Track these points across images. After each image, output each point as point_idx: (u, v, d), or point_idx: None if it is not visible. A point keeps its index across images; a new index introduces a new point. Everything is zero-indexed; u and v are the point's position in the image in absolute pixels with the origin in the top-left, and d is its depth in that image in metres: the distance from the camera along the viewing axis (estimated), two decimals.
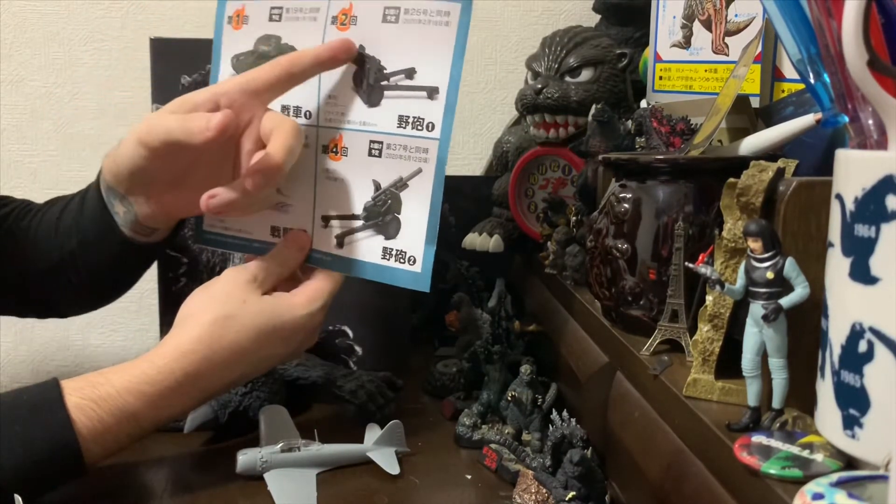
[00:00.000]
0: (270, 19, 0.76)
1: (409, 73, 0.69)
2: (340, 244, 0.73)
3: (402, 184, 0.70)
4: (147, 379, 0.63)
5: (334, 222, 0.73)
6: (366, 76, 0.70)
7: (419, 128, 0.68)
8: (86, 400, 0.61)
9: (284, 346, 0.70)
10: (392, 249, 0.70)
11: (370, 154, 0.70)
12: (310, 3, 0.73)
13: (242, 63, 0.76)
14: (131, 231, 0.75)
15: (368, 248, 0.72)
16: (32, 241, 0.80)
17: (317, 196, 0.74)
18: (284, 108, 0.74)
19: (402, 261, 0.69)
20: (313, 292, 0.71)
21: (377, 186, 0.71)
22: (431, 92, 0.68)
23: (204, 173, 0.71)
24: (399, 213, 0.70)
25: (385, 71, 0.70)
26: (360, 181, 0.72)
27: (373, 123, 0.70)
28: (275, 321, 0.68)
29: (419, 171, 0.68)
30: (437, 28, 0.67)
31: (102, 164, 0.74)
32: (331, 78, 0.72)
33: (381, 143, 0.70)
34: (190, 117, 0.66)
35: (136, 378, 0.63)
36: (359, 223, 0.72)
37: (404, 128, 0.69)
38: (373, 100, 0.70)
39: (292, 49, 0.74)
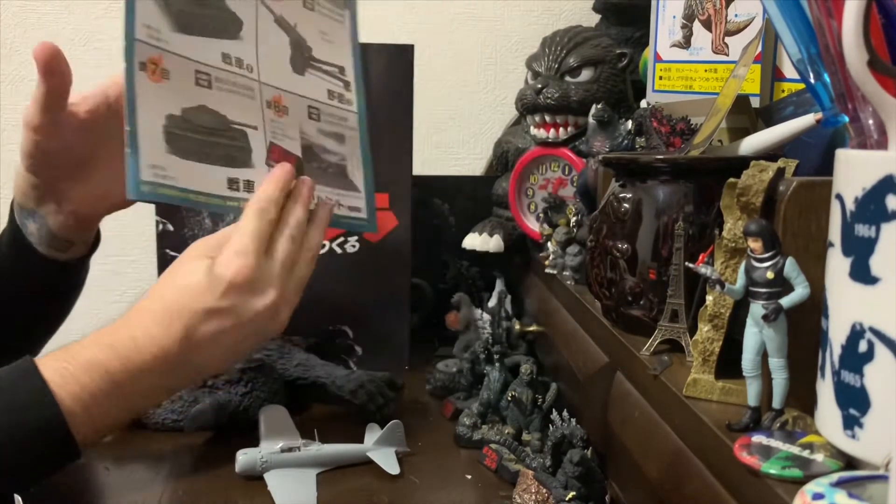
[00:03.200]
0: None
1: (341, 69, 0.79)
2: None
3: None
4: (113, 332, 0.64)
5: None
6: (299, 51, 0.76)
7: (343, 102, 0.79)
8: (62, 362, 0.62)
9: (230, 307, 0.65)
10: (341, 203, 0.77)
11: (310, 117, 0.76)
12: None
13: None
14: (48, 248, 0.76)
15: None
16: None
17: (268, 145, 0.74)
18: (226, 57, 0.72)
19: (352, 210, 0.78)
20: (228, 246, 0.67)
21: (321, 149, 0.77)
22: (341, 70, 0.79)
23: (102, 164, 0.74)
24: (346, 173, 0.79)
25: (313, 53, 0.77)
26: (296, 141, 0.76)
27: (306, 91, 0.76)
28: (190, 276, 0.65)
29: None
30: (333, 23, 0.79)
31: (14, 186, 0.76)
32: (266, 41, 0.74)
33: (318, 109, 0.77)
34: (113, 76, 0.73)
35: (104, 333, 0.64)
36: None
37: (332, 100, 0.78)
38: (302, 70, 0.76)
39: (232, 14, 0.72)
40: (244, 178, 0.69)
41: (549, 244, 0.87)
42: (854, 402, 0.38)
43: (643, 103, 0.88)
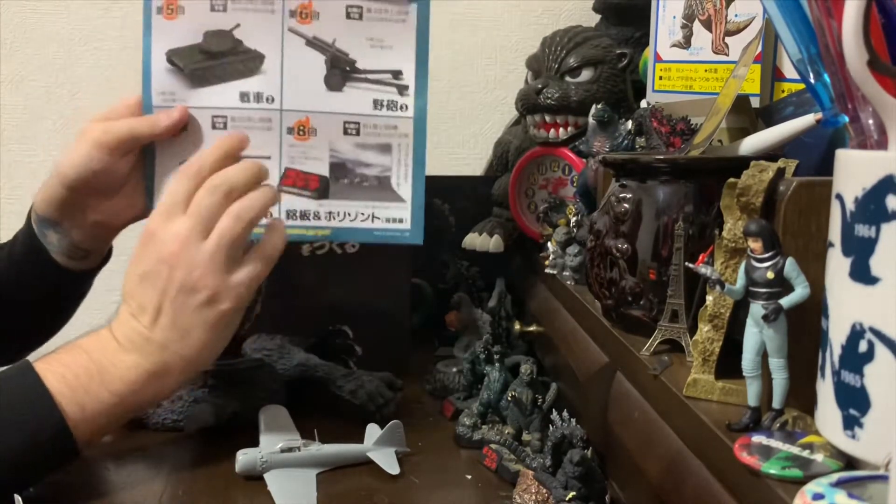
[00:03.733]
0: (213, 9, 0.73)
1: (396, 74, 0.75)
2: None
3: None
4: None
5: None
6: (339, 67, 0.75)
7: (394, 108, 0.75)
8: (50, 354, 0.65)
9: (143, 251, 0.68)
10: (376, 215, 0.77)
11: (346, 133, 0.75)
12: None
13: (184, 58, 0.74)
14: (66, 258, 0.78)
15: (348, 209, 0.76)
16: None
17: (282, 171, 0.75)
18: (244, 95, 0.74)
19: (391, 221, 0.77)
20: None
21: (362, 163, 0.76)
22: (396, 75, 0.75)
23: (131, 178, 0.76)
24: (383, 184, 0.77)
25: (357, 65, 0.75)
26: (323, 161, 0.76)
27: (342, 107, 0.75)
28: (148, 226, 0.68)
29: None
30: (392, 25, 0.75)
31: (34, 201, 0.78)
32: (295, 66, 0.74)
33: (359, 123, 0.75)
34: (148, 116, 0.74)
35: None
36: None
37: (380, 109, 0.75)
38: (340, 86, 0.75)
39: (252, 52, 0.73)
40: None
41: (549, 244, 0.87)
42: (854, 402, 0.38)
43: (643, 103, 0.88)
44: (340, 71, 0.74)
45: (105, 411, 0.64)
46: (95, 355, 0.65)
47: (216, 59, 0.73)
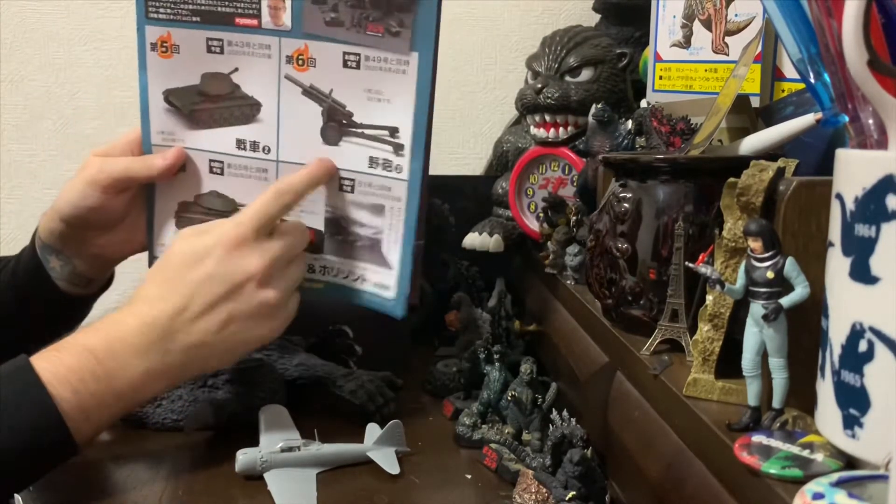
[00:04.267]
0: (209, 50, 0.70)
1: (393, 131, 0.70)
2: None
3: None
4: (103, 318, 0.67)
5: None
6: (336, 119, 0.71)
7: (389, 169, 0.71)
8: (49, 351, 0.63)
9: (214, 265, 0.66)
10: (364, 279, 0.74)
11: (341, 189, 0.72)
12: (257, 39, 0.70)
13: (182, 99, 0.72)
14: (68, 284, 0.78)
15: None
16: None
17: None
18: (240, 143, 0.72)
19: (378, 287, 0.74)
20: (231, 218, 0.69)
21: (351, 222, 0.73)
22: (393, 132, 0.70)
23: (130, 216, 0.77)
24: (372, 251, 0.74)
25: (354, 118, 0.71)
26: (318, 215, 0.74)
27: (339, 163, 0.72)
28: (182, 250, 0.67)
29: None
30: (392, 76, 0.69)
31: (39, 224, 0.78)
32: (291, 116, 0.71)
33: (353, 180, 0.72)
34: (143, 157, 0.75)
35: (96, 320, 0.67)
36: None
37: (375, 168, 0.71)
38: (336, 140, 0.71)
39: (249, 98, 0.71)
40: None
41: (549, 244, 0.87)
42: (854, 402, 0.38)
43: (643, 103, 0.88)
44: (337, 124, 0.70)
45: (108, 413, 0.64)
46: (104, 358, 0.63)
47: (214, 102, 0.71)
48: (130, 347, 0.64)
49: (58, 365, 0.62)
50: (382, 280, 0.73)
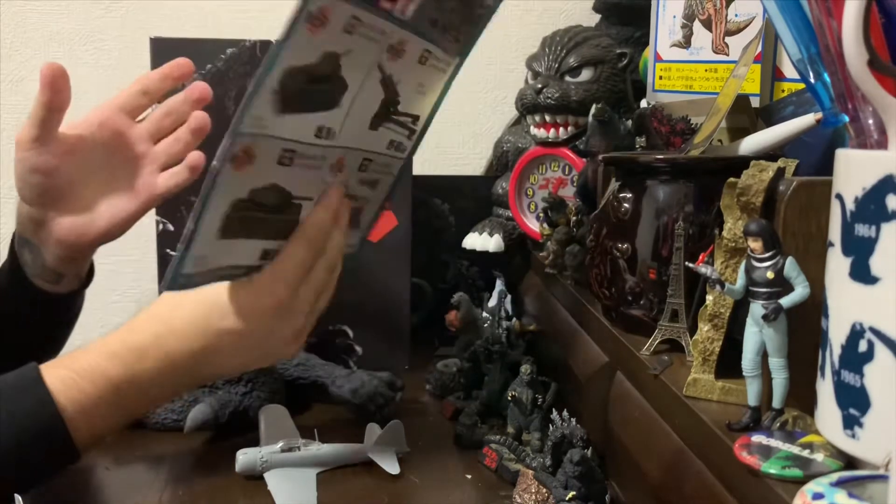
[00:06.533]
0: (345, 30, 0.64)
1: (415, 118, 0.72)
2: None
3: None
4: (118, 339, 0.64)
5: None
6: (386, 107, 0.70)
7: (398, 150, 0.72)
8: (64, 369, 0.61)
9: (245, 321, 0.64)
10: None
11: (360, 169, 0.72)
12: (381, 24, 0.64)
13: (292, 80, 0.65)
14: (40, 279, 0.77)
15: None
16: None
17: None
18: (320, 130, 0.67)
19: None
20: (271, 271, 0.65)
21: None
22: (415, 119, 0.72)
23: (86, 195, 0.75)
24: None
25: (399, 107, 0.70)
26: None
27: (369, 145, 0.71)
28: (219, 295, 0.64)
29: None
30: (437, 73, 0.71)
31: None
32: (362, 102, 0.68)
33: (371, 160, 0.72)
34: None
35: (109, 341, 0.64)
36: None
37: (390, 150, 0.72)
38: (378, 125, 0.70)
39: (341, 81, 0.66)
40: (277, 249, 0.66)
41: (549, 244, 0.87)
42: (854, 402, 0.38)
43: (643, 103, 0.88)
44: (385, 111, 0.69)
45: (114, 427, 0.64)
46: (123, 386, 0.62)
47: (315, 83, 0.65)
48: (149, 382, 0.63)
49: (75, 391, 0.61)
50: (349, 240, 0.73)
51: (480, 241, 1.03)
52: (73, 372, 0.61)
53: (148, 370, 0.63)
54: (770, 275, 0.45)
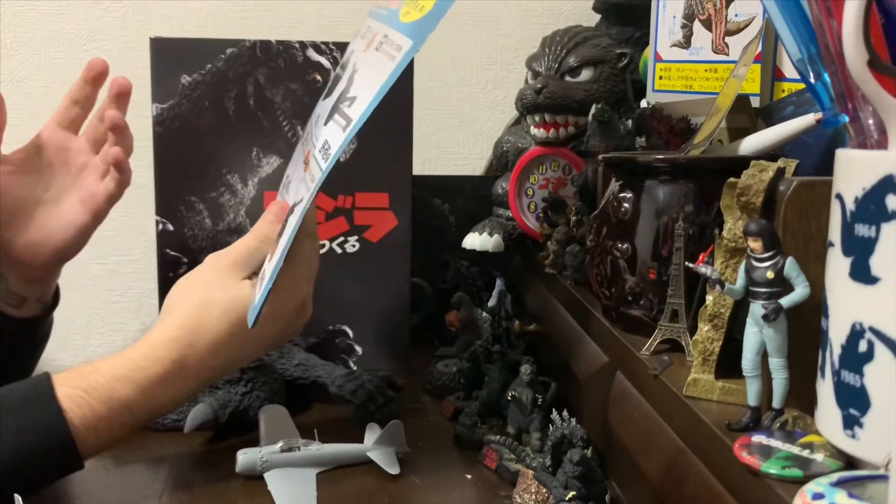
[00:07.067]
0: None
1: (352, 101, 0.65)
2: None
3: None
4: (134, 366, 0.64)
5: None
6: (341, 97, 0.68)
7: (325, 154, 0.65)
8: (76, 389, 0.61)
9: (272, 327, 0.69)
10: None
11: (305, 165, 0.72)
12: (394, 36, 0.64)
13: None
14: (3, 302, 0.78)
15: None
16: None
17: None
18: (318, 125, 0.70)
19: None
20: (290, 274, 0.67)
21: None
22: (352, 101, 0.65)
23: (38, 213, 0.77)
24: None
25: (347, 95, 0.66)
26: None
27: (320, 141, 0.69)
28: (245, 306, 0.67)
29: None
30: (385, 59, 0.64)
31: None
32: (332, 94, 0.69)
33: (314, 158, 0.69)
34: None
35: (124, 365, 0.63)
36: None
37: (324, 150, 0.67)
38: (327, 120, 0.69)
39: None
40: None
41: (549, 244, 0.87)
42: (854, 402, 0.38)
43: (643, 103, 0.88)
44: (339, 103, 0.67)
45: (122, 439, 0.64)
46: (136, 410, 0.63)
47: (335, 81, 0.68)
48: (162, 401, 0.65)
49: (91, 415, 0.61)
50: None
51: (480, 241, 1.03)
52: (85, 392, 0.61)
53: (164, 393, 0.65)
54: (770, 275, 0.45)
